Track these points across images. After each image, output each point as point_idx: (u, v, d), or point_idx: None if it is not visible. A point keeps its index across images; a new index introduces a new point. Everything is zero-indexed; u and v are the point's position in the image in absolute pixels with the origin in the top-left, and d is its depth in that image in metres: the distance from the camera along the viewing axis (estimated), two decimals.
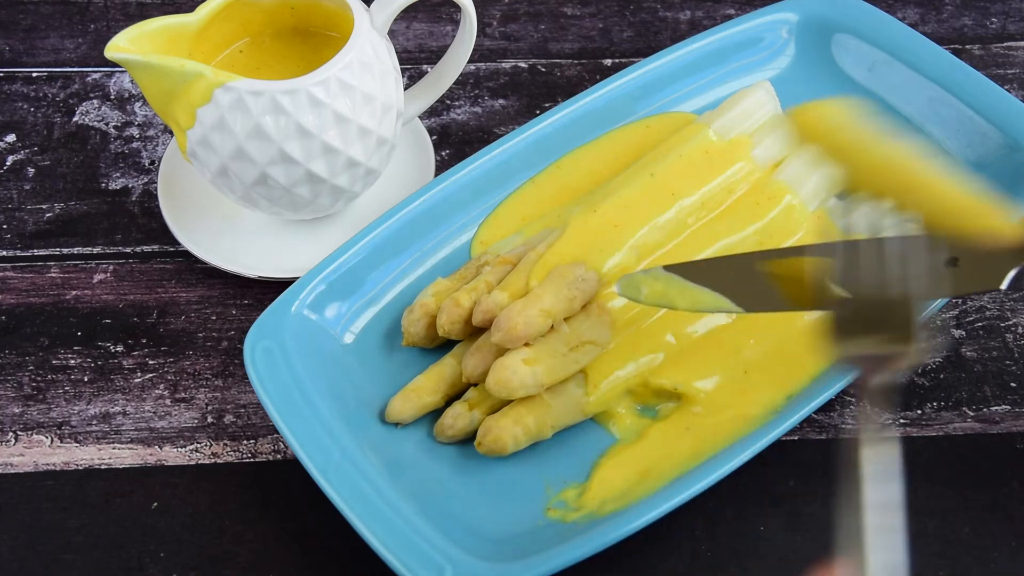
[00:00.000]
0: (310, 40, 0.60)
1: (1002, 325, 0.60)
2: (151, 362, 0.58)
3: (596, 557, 0.46)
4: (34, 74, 0.73)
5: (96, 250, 0.63)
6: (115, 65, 0.72)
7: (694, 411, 0.52)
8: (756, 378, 0.53)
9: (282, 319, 0.53)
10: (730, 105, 0.60)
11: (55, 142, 0.69)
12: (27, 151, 0.68)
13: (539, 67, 0.74)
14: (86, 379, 0.57)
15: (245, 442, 0.55)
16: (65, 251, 0.63)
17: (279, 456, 0.55)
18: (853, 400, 0.56)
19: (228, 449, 0.55)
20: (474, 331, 0.54)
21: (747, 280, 0.50)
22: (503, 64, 0.74)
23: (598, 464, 0.52)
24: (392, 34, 0.75)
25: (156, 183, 0.65)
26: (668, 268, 0.50)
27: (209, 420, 0.56)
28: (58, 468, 0.54)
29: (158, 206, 0.64)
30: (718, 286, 0.50)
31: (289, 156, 0.54)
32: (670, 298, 0.50)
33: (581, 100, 0.63)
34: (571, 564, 0.46)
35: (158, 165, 0.67)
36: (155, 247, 0.63)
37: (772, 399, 0.52)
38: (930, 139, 0.63)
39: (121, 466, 0.54)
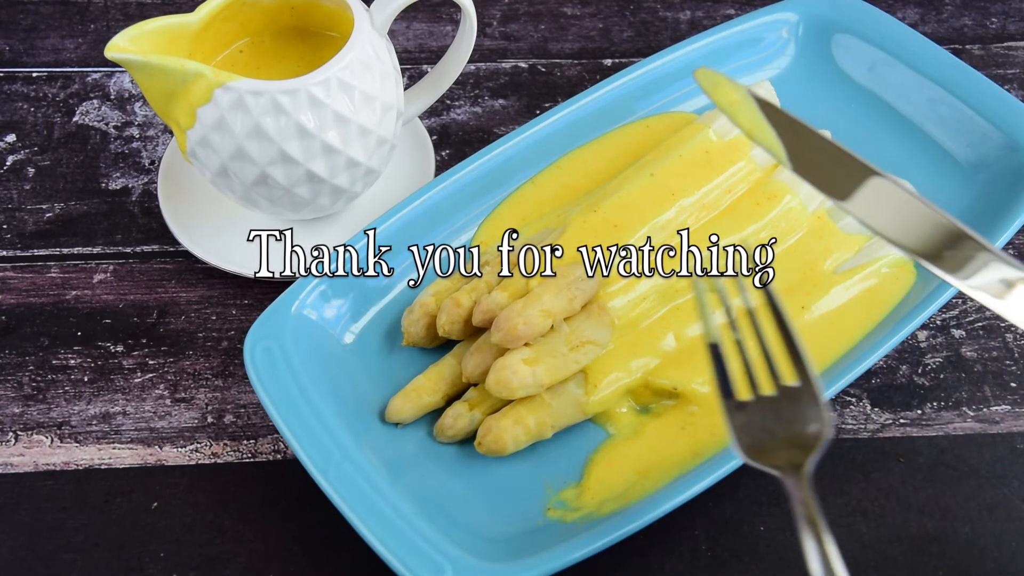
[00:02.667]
0: (310, 40, 0.60)
1: (1002, 325, 0.60)
2: (151, 362, 0.58)
3: (596, 557, 0.46)
4: (34, 74, 0.73)
5: (96, 250, 0.63)
6: (115, 65, 0.72)
7: (690, 410, 0.52)
8: None
9: (282, 319, 0.53)
10: None
11: (55, 142, 0.69)
12: (27, 151, 0.68)
13: (539, 67, 0.74)
14: (86, 379, 0.57)
15: (245, 442, 0.55)
16: (65, 251, 0.63)
17: (279, 456, 0.55)
18: (853, 400, 0.56)
19: (228, 449, 0.55)
20: (474, 331, 0.54)
21: (820, 156, 0.46)
22: (503, 64, 0.74)
23: (593, 460, 0.52)
24: (392, 34, 0.75)
25: (156, 183, 0.65)
26: (760, 101, 0.47)
27: (209, 420, 0.56)
28: (58, 468, 0.54)
29: (158, 206, 0.64)
30: (787, 142, 0.46)
31: (289, 156, 0.54)
32: (735, 114, 0.47)
33: (581, 100, 0.63)
34: (571, 564, 0.46)
35: (158, 165, 0.67)
36: (155, 247, 0.63)
37: None
38: (930, 139, 0.63)
39: (121, 466, 0.54)
